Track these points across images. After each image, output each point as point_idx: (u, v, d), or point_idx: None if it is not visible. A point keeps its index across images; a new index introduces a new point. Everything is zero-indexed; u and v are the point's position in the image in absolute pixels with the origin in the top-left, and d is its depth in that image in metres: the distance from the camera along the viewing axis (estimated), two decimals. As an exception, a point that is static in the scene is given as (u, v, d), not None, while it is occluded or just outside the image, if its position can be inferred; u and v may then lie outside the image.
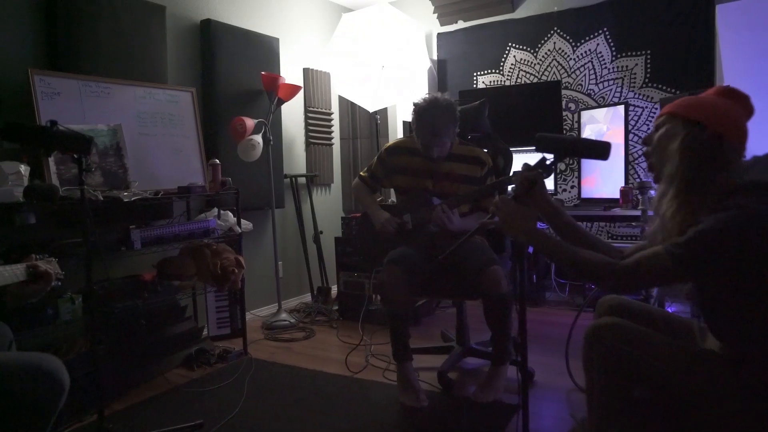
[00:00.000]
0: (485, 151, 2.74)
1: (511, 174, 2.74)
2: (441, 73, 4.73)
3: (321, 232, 4.30)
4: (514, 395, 2.44)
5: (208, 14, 3.61)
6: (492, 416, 2.27)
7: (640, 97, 3.90)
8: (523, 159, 3.11)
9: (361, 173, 2.86)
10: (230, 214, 3.15)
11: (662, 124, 1.44)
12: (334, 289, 4.26)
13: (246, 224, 3.24)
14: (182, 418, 2.28)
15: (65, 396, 1.29)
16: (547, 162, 1.60)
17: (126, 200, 2.49)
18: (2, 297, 1.49)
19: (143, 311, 2.72)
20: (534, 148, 3.66)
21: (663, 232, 1.37)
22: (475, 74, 4.59)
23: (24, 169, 2.28)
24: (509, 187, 2.44)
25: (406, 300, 2.39)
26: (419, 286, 2.45)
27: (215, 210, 3.13)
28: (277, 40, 4.06)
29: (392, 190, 2.97)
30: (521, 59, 4.37)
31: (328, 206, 4.70)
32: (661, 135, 1.43)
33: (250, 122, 3.38)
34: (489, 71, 4.52)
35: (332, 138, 4.71)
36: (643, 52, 3.88)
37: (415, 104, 2.54)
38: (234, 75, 3.69)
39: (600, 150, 1.60)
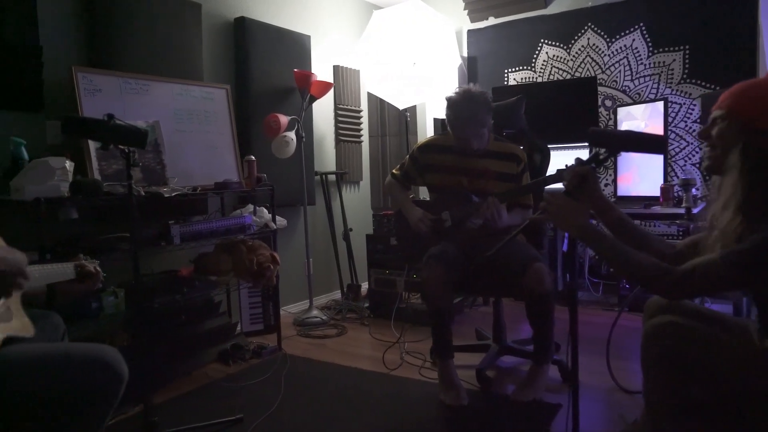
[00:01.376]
0: (521, 147, 2.71)
1: (558, 170, 2.70)
2: (471, 71, 4.69)
3: (350, 230, 4.31)
4: (555, 394, 2.42)
5: (242, 12, 3.63)
6: (534, 416, 2.24)
7: (678, 93, 3.82)
8: (559, 156, 3.09)
9: (394, 171, 2.85)
10: (265, 210, 3.16)
11: (719, 119, 1.40)
12: (364, 287, 4.26)
13: (281, 221, 3.25)
14: (221, 412, 2.30)
15: (124, 386, 1.31)
16: (600, 157, 1.57)
17: (166, 196, 2.51)
18: (53, 293, 1.52)
19: (182, 306, 2.74)
20: (571, 145, 3.62)
21: (720, 241, 1.33)
22: (506, 71, 4.54)
23: (69, 165, 2.31)
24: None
25: (447, 296, 2.37)
26: (459, 284, 2.43)
27: (250, 206, 3.14)
28: (309, 37, 4.07)
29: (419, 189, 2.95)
30: (554, 56, 4.31)
31: (356, 203, 4.70)
32: (718, 135, 1.39)
33: (283, 119, 3.39)
34: (520, 68, 4.47)
35: (361, 135, 4.71)
36: (681, 47, 3.80)
37: (448, 98, 2.50)
38: (267, 72, 3.71)
39: (656, 144, 1.57)
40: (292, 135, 3.42)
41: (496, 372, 2.76)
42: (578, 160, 1.59)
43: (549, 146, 2.95)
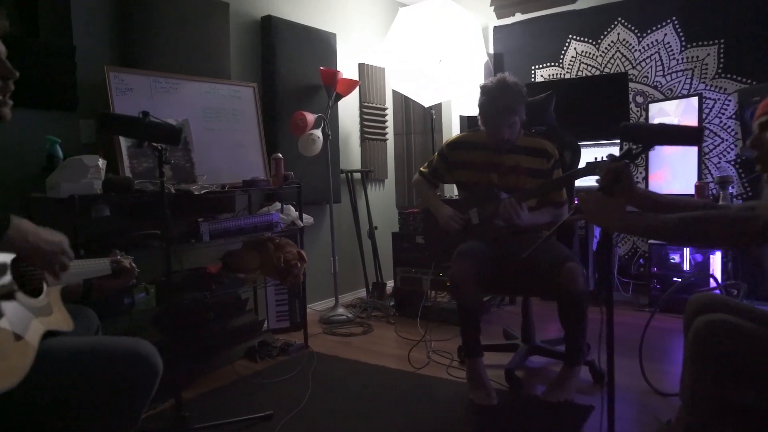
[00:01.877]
0: (551, 143, 2.66)
1: (580, 167, 2.66)
2: (497, 67, 4.64)
3: (376, 228, 4.30)
4: (586, 396, 2.37)
5: (268, 10, 3.65)
6: (566, 417, 2.20)
7: (712, 88, 3.73)
8: (590, 153, 3.03)
9: (422, 169, 2.83)
10: (292, 208, 3.17)
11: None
12: (389, 285, 4.25)
13: (307, 218, 3.26)
14: (250, 408, 2.31)
15: (159, 380, 1.32)
16: (634, 152, 1.53)
17: (196, 193, 2.53)
18: (89, 288, 1.54)
19: (210, 303, 2.76)
20: (601, 142, 3.55)
21: None
22: (533, 68, 4.49)
23: (102, 163, 2.35)
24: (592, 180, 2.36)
25: (477, 293, 2.35)
26: (489, 282, 2.40)
27: (277, 204, 3.16)
28: (334, 35, 4.07)
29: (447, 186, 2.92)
30: (582, 51, 4.25)
31: (381, 201, 4.69)
32: None
33: (310, 117, 3.40)
34: (548, 64, 4.41)
35: (386, 133, 4.69)
36: (716, 41, 3.70)
37: (483, 85, 2.46)
38: (293, 70, 3.72)
39: (691, 135, 1.53)
40: (318, 133, 3.43)
41: (525, 372, 2.72)
42: (611, 156, 1.55)
43: (579, 143, 2.90)
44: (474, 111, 4.32)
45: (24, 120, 2.45)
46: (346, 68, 4.23)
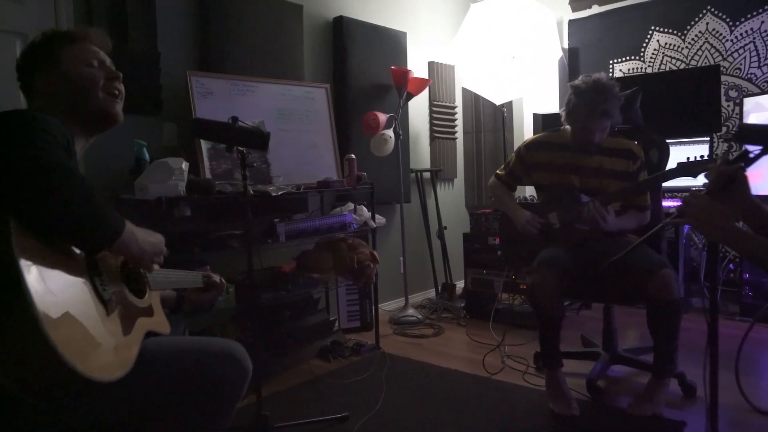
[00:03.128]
0: (636, 143, 2.53)
1: (669, 169, 2.51)
2: (572, 63, 4.47)
3: (445, 228, 4.25)
4: (677, 410, 2.24)
5: (340, 11, 3.66)
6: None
7: (815, 80, 3.44)
8: (677, 152, 2.85)
9: (498, 171, 2.76)
10: (365, 208, 3.17)
11: None
12: (458, 286, 4.19)
13: (380, 219, 3.25)
14: (326, 408, 2.32)
15: (249, 381, 1.34)
16: (751, 155, 1.41)
17: (274, 194, 2.57)
18: (182, 299, 1.59)
19: (286, 302, 2.81)
20: (689, 140, 3.35)
21: None
22: (611, 62, 4.29)
23: (185, 165, 2.42)
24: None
25: (558, 302, 2.25)
26: (571, 289, 2.31)
27: (350, 204, 3.16)
28: (405, 34, 4.05)
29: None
30: (666, 43, 4.01)
31: (450, 201, 4.63)
32: None
33: (382, 117, 3.39)
34: (628, 58, 4.21)
35: (456, 132, 4.63)
36: (819, 29, 3.41)
37: (575, 86, 2.34)
38: (364, 70, 3.72)
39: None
40: (390, 133, 3.41)
41: (607, 382, 2.60)
42: (724, 157, 1.43)
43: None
44: (549, 109, 4.23)
45: (114, 124, 2.57)
46: (416, 67, 4.19)
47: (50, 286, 0.94)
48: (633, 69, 4.19)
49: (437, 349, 3.19)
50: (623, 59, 4.23)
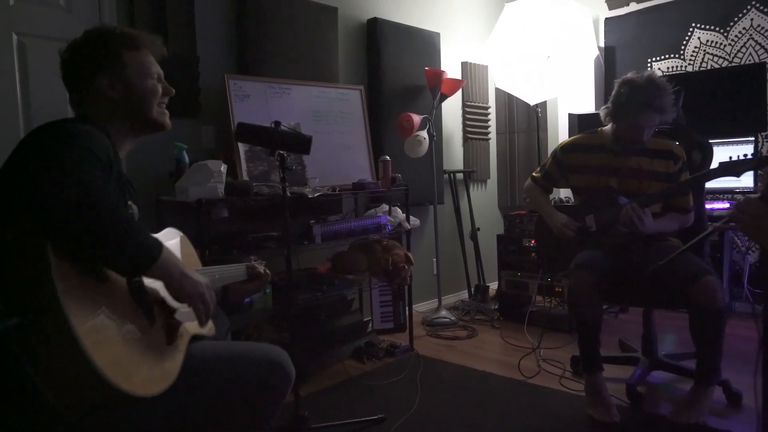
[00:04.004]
0: (677, 143, 2.46)
1: (712, 168, 2.44)
2: (608, 62, 4.39)
3: (478, 229, 4.22)
4: (721, 419, 2.18)
5: (374, 13, 3.67)
6: (698, 441, 2.03)
7: None
8: (720, 153, 2.77)
9: (534, 174, 2.72)
10: (399, 210, 3.17)
11: None
12: (491, 287, 4.16)
13: (414, 221, 3.25)
14: (362, 410, 2.33)
15: (292, 386, 1.35)
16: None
17: (310, 196, 2.59)
18: (227, 293, 1.60)
19: (322, 303, 2.83)
20: (733, 140, 3.26)
21: None
22: (649, 61, 4.20)
23: (223, 167, 2.46)
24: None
25: (597, 307, 2.22)
26: (610, 293, 2.26)
27: (384, 206, 3.17)
28: (438, 35, 4.03)
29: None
30: (708, 41, 3.91)
31: (483, 202, 4.59)
32: None
33: (416, 118, 3.38)
34: (667, 56, 4.11)
35: (489, 132, 4.59)
36: None
37: (629, 80, 2.27)
38: (398, 71, 3.72)
39: None
40: (424, 134, 3.41)
41: (647, 388, 2.55)
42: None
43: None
44: (584, 109, 4.16)
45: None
46: (450, 67, 4.18)
47: (91, 308, 0.95)
48: (672, 68, 4.09)
49: (471, 351, 3.17)
50: (662, 57, 4.13)
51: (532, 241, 3.56)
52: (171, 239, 1.42)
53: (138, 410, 1.09)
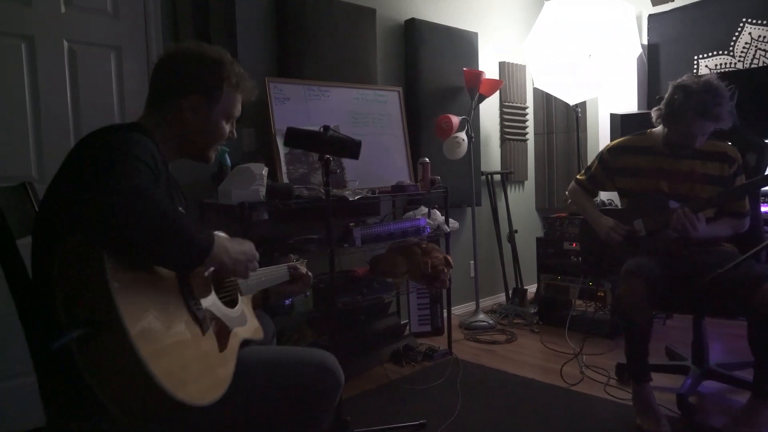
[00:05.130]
0: (731, 145, 2.37)
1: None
2: (652, 60, 4.27)
3: (516, 231, 4.15)
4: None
5: (412, 13, 3.65)
6: (755, 456, 1.95)
7: None
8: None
9: (578, 176, 2.66)
10: (438, 213, 3.15)
11: None
12: (530, 291, 4.09)
13: (453, 223, 3.21)
14: (403, 415, 2.31)
15: (341, 391, 1.34)
16: None
17: (351, 199, 2.59)
18: (268, 294, 1.60)
19: (361, 305, 2.82)
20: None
21: None
22: (695, 58, 4.06)
23: (265, 170, 2.47)
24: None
25: (647, 314, 2.15)
26: (661, 301, 2.19)
27: (423, 208, 3.14)
28: (476, 34, 3.99)
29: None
30: (760, 36, 3.76)
31: (520, 204, 4.52)
32: None
33: (455, 119, 3.35)
34: (715, 53, 3.97)
35: (527, 133, 4.52)
36: None
37: (684, 85, 2.18)
38: (436, 72, 3.69)
39: None
40: (463, 135, 3.37)
41: (698, 398, 2.46)
42: None
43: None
44: (627, 108, 4.06)
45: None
46: (487, 67, 4.12)
47: (148, 320, 0.96)
48: (721, 65, 3.95)
49: (511, 356, 3.12)
50: (709, 54, 4.00)
51: (574, 245, 3.48)
52: None
53: (193, 416, 1.09)
